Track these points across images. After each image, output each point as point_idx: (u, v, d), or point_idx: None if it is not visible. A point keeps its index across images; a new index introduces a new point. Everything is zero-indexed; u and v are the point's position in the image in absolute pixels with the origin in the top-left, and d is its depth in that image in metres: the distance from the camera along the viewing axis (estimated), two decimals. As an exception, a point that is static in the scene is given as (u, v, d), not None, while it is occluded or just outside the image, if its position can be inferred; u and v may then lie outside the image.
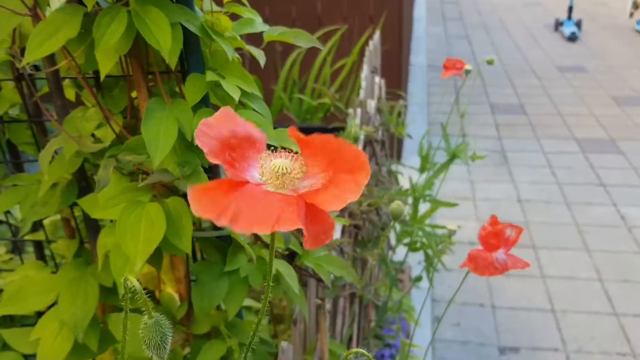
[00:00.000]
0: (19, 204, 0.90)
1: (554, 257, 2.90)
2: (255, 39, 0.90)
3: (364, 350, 0.55)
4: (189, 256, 0.92)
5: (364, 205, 1.37)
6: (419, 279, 1.78)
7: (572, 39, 6.76)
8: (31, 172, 0.98)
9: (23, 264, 1.02)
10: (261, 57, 0.87)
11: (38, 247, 1.08)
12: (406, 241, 1.67)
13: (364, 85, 1.86)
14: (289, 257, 0.95)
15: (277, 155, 0.41)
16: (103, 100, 0.85)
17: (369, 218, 1.42)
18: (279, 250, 0.92)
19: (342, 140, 0.40)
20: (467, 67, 1.51)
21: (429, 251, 1.60)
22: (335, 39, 3.30)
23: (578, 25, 6.94)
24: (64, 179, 0.89)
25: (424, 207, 1.71)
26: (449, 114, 1.78)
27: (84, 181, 0.89)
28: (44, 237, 1.01)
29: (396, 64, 3.54)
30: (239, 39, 0.83)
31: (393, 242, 1.78)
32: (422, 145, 1.79)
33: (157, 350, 0.44)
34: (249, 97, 0.81)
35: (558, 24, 7.17)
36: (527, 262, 0.88)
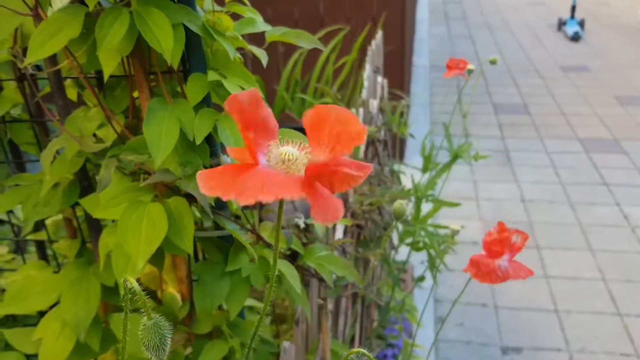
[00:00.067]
0: (21, 203, 0.90)
1: (557, 257, 2.89)
2: (258, 39, 0.90)
3: (366, 350, 0.54)
4: (190, 256, 0.92)
5: (366, 205, 1.37)
6: (421, 279, 1.78)
7: (575, 38, 6.74)
8: (33, 172, 0.98)
9: (25, 263, 1.02)
10: (263, 56, 0.87)
11: (40, 247, 1.08)
12: (409, 241, 1.67)
13: (366, 85, 1.85)
14: (291, 257, 0.95)
15: (285, 144, 0.43)
16: (105, 100, 0.85)
17: (371, 218, 1.42)
18: (281, 251, 0.91)
19: (330, 106, 0.42)
20: (470, 66, 1.51)
21: (431, 251, 1.60)
22: (337, 39, 3.30)
23: (581, 24, 6.92)
24: (65, 178, 0.89)
25: (426, 207, 1.71)
26: (451, 113, 1.77)
27: (86, 181, 0.90)
28: (46, 237, 1.01)
29: (399, 64, 3.53)
30: (240, 38, 0.83)
31: (396, 242, 1.78)
32: (425, 145, 1.78)
33: (156, 351, 0.44)
34: (250, 97, 0.81)
35: (561, 24, 7.14)
36: (531, 271, 0.87)
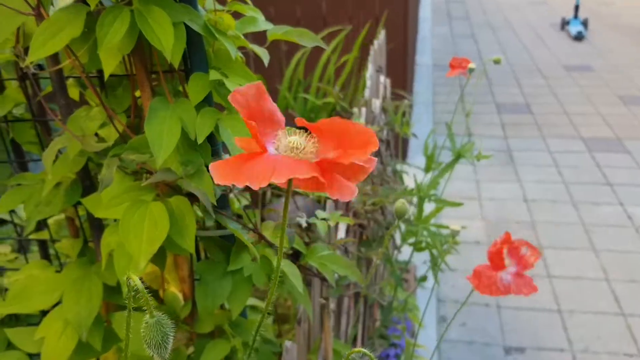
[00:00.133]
0: (23, 203, 0.90)
1: (560, 256, 2.88)
2: (260, 38, 0.90)
3: (369, 350, 0.54)
4: (192, 255, 0.92)
5: (369, 205, 1.37)
6: (423, 278, 1.78)
7: (579, 38, 6.72)
8: (35, 171, 0.98)
9: (28, 263, 1.02)
10: (265, 55, 0.87)
11: (43, 246, 1.08)
12: (411, 241, 1.67)
13: (368, 85, 1.85)
14: (293, 256, 0.95)
15: (293, 134, 0.44)
16: (107, 99, 0.85)
17: (373, 217, 1.42)
18: (283, 250, 0.91)
19: (348, 120, 0.42)
20: (471, 65, 1.51)
21: (433, 251, 1.60)
22: (339, 38, 3.30)
23: (584, 24, 6.90)
24: (67, 178, 0.89)
25: (429, 207, 1.70)
26: (454, 113, 1.77)
27: (88, 180, 0.90)
28: (48, 237, 1.01)
29: (401, 63, 3.53)
30: (242, 37, 0.83)
31: (398, 241, 1.78)
32: (427, 145, 1.78)
33: (158, 349, 0.44)
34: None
35: (564, 23, 7.13)
36: (535, 287, 0.86)
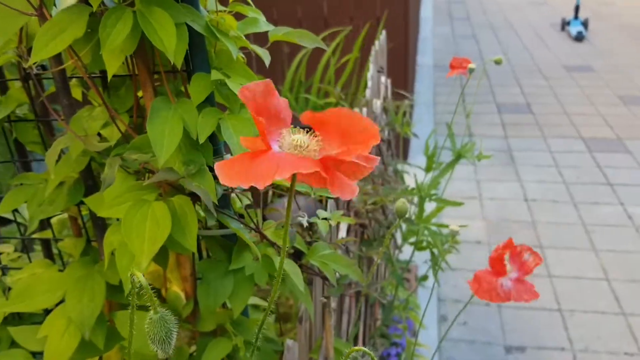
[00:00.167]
0: (26, 202, 0.91)
1: (560, 256, 2.89)
2: (262, 40, 0.90)
3: (370, 349, 0.55)
4: (194, 255, 0.92)
5: (370, 204, 1.38)
6: (424, 278, 1.78)
7: (579, 38, 6.72)
8: (38, 171, 0.99)
9: (31, 262, 1.03)
10: (266, 56, 0.87)
11: (46, 245, 1.08)
12: (412, 240, 1.68)
13: (370, 85, 1.86)
14: (295, 255, 0.96)
15: (297, 132, 0.44)
16: (109, 99, 0.86)
17: (374, 217, 1.43)
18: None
19: (354, 112, 0.43)
20: (471, 65, 1.51)
21: (434, 250, 1.60)
22: (339, 38, 3.31)
23: (585, 24, 6.90)
24: (70, 177, 0.90)
25: (430, 207, 1.71)
26: (455, 113, 1.77)
27: (91, 180, 0.90)
28: (51, 236, 1.02)
29: (402, 63, 3.53)
30: (243, 38, 0.84)
31: (399, 241, 1.79)
32: (428, 145, 1.78)
33: (162, 345, 0.44)
34: (253, 96, 0.81)
35: (565, 24, 7.13)
36: (536, 294, 0.86)
